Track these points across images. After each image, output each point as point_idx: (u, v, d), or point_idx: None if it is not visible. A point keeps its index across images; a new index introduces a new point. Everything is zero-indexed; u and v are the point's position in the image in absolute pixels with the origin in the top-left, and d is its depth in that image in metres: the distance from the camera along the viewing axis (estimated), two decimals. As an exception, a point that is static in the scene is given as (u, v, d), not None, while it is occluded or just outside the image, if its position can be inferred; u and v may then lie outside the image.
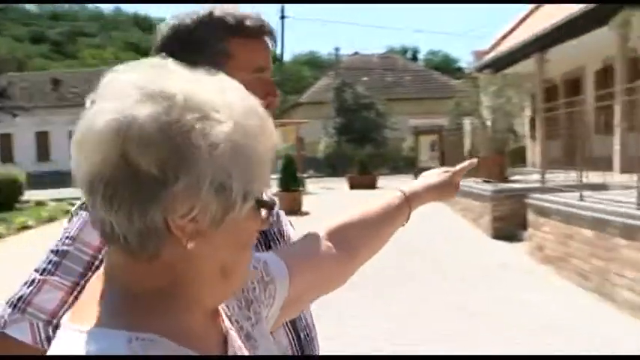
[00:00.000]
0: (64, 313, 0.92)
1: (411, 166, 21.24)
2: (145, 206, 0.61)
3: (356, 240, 1.10)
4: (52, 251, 1.01)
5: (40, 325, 0.96)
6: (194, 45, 1.09)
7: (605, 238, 5.64)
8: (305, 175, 20.03)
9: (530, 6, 17.89)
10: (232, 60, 1.10)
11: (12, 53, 45.14)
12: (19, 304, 0.97)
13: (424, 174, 1.30)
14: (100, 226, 0.64)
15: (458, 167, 1.30)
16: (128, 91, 0.62)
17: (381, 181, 19.26)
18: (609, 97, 9.02)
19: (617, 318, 5.20)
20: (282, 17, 25.57)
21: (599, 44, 11.55)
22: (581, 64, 14.39)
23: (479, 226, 10.02)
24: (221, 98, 0.64)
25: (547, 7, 15.56)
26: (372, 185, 18.14)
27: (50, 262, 1.00)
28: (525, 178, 10.96)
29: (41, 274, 0.99)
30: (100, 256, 1.00)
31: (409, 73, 32.58)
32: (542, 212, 7.30)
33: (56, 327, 0.91)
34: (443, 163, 18.09)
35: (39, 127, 29.82)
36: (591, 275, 5.93)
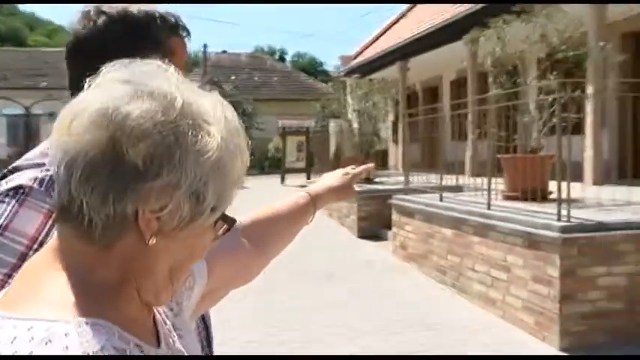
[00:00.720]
0: None
1: (277, 166, 21.56)
2: (121, 193, 0.64)
3: (266, 236, 1.19)
4: None
5: None
6: (149, 40, 1.14)
7: (461, 236, 6.22)
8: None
9: (394, 16, 18.99)
10: (174, 57, 1.14)
11: None
12: None
13: (325, 176, 1.43)
14: (67, 204, 0.65)
15: (356, 171, 1.43)
16: (130, 84, 0.66)
17: (249, 181, 19.33)
18: (463, 106, 9.89)
19: (470, 309, 5.77)
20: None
21: (454, 57, 12.60)
22: (439, 73, 15.57)
23: (345, 226, 10.48)
24: (214, 112, 0.69)
25: (409, 19, 16.64)
26: (239, 185, 18.09)
27: None
28: (388, 179, 11.64)
29: None
30: (36, 246, 0.97)
31: (277, 74, 32.92)
32: (406, 212, 7.84)
33: None
34: (310, 164, 18.62)
35: None
36: (449, 270, 6.51)
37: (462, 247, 6.18)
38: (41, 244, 0.97)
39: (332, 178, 1.39)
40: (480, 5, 9.97)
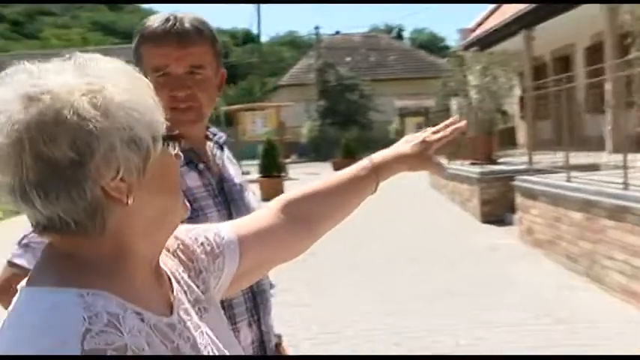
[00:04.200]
0: None
1: (397, 149, 21.33)
2: (77, 185, 0.70)
3: (314, 212, 1.17)
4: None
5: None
6: (134, 51, 1.43)
7: (593, 220, 5.79)
8: (288, 161, 20.06)
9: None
10: (142, 62, 1.38)
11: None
12: (22, 242, 1.29)
13: (403, 139, 1.28)
14: (47, 224, 0.72)
15: (435, 136, 1.25)
16: (12, 102, 0.70)
17: (367, 165, 19.35)
18: (601, 72, 9.15)
19: (607, 301, 5.35)
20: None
21: (587, 20, 11.69)
22: (571, 41, 14.55)
23: (467, 210, 10.16)
24: (85, 73, 0.73)
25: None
26: (357, 170, 18.15)
27: None
28: (515, 159, 11.10)
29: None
30: None
31: (394, 53, 32.57)
32: (530, 195, 7.44)
33: None
34: (430, 146, 18.24)
35: None
36: (580, 258, 6.08)
37: (595, 233, 5.74)
38: None
39: (406, 145, 1.25)
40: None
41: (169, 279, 0.88)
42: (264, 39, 65.14)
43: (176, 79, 1.37)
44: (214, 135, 1.55)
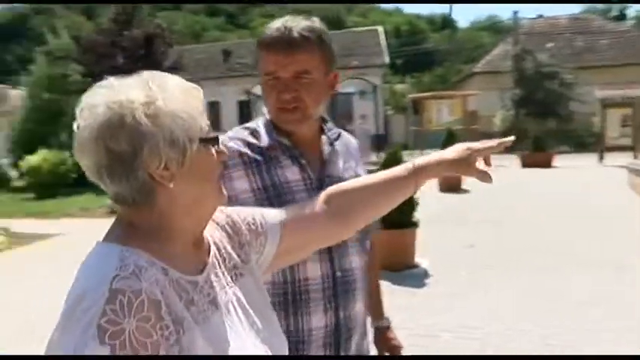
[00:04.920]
0: None
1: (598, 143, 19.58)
2: (133, 171, 0.97)
3: (352, 207, 1.35)
4: None
5: None
6: (255, 53, 1.61)
7: None
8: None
9: None
10: (258, 64, 1.58)
11: (190, 27, 49.31)
12: None
13: (452, 147, 1.36)
14: (116, 198, 1.01)
15: (480, 146, 1.32)
16: (96, 108, 0.97)
17: (560, 160, 18.05)
18: None
19: None
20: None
21: None
22: None
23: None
24: (149, 88, 0.99)
25: None
26: (546, 164, 17.05)
27: None
28: None
29: None
30: None
31: (607, 36, 29.69)
32: None
33: None
34: (636, 141, 16.41)
35: (209, 97, 31.85)
36: None
37: None
38: None
39: (449, 151, 1.36)
40: None
41: (209, 247, 1.12)
42: (463, 24, 63.61)
43: (283, 83, 1.54)
44: (329, 131, 1.70)
